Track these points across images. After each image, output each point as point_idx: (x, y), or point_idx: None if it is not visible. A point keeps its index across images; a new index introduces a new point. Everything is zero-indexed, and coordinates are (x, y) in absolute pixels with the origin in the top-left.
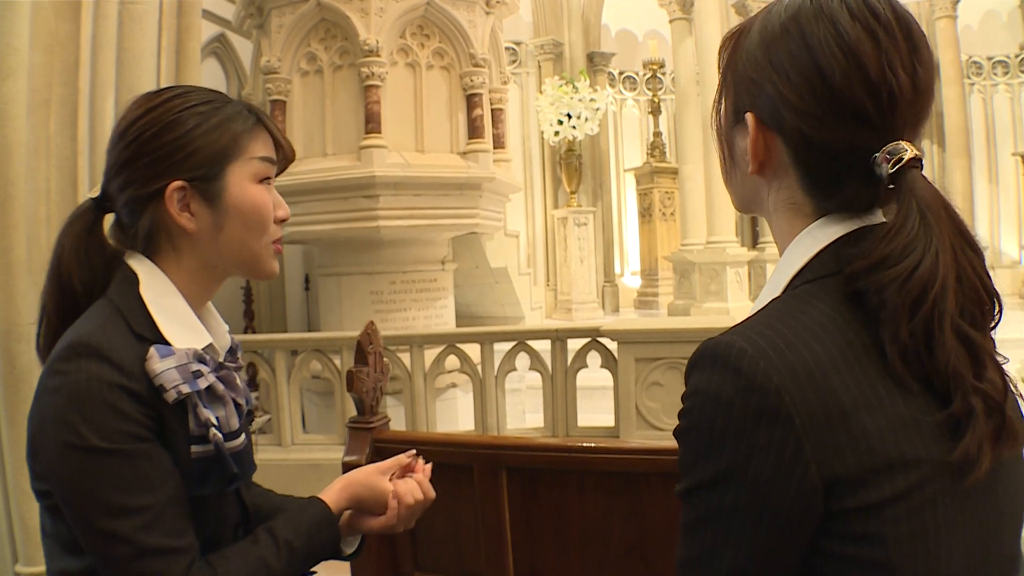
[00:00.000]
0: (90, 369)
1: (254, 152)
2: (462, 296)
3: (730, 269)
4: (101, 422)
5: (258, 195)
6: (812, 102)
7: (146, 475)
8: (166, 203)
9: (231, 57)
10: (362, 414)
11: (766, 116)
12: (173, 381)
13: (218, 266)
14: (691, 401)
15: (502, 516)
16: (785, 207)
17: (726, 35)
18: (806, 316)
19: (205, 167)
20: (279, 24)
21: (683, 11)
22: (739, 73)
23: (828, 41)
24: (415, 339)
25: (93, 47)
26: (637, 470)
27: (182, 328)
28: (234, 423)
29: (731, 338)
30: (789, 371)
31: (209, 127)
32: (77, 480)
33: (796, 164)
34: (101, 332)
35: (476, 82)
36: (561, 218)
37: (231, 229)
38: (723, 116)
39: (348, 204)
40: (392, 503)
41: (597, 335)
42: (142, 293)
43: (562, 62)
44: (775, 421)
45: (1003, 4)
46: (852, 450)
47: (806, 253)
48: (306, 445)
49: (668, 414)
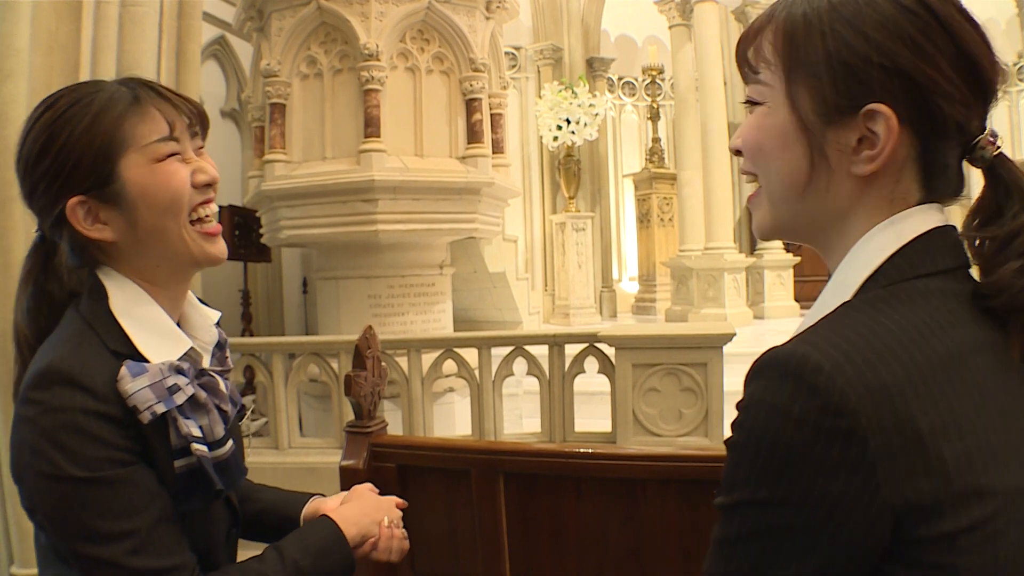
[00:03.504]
0: (63, 397)
1: (142, 138)
2: (460, 300)
3: (728, 275)
4: (79, 451)
5: (160, 175)
6: (965, 88)
7: (130, 499)
8: (71, 223)
9: (231, 60)
10: (360, 418)
11: (908, 107)
12: (146, 401)
13: (160, 265)
14: (752, 413)
15: (499, 521)
16: (878, 207)
17: (758, 23)
18: (888, 327)
19: (93, 174)
20: (279, 27)
21: (682, 17)
22: (840, 61)
23: (961, 22)
24: (413, 343)
25: (93, 49)
26: (634, 476)
27: (157, 338)
28: (219, 431)
29: (806, 349)
30: (867, 391)
31: (82, 130)
32: (60, 510)
33: (920, 156)
34: (73, 355)
35: (476, 87)
36: (559, 223)
37: (144, 220)
38: (804, 113)
39: (347, 208)
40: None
41: (595, 340)
42: (112, 307)
43: (561, 67)
44: (848, 443)
45: (1002, 12)
46: (927, 477)
47: (885, 249)
48: (303, 449)
49: (665, 420)
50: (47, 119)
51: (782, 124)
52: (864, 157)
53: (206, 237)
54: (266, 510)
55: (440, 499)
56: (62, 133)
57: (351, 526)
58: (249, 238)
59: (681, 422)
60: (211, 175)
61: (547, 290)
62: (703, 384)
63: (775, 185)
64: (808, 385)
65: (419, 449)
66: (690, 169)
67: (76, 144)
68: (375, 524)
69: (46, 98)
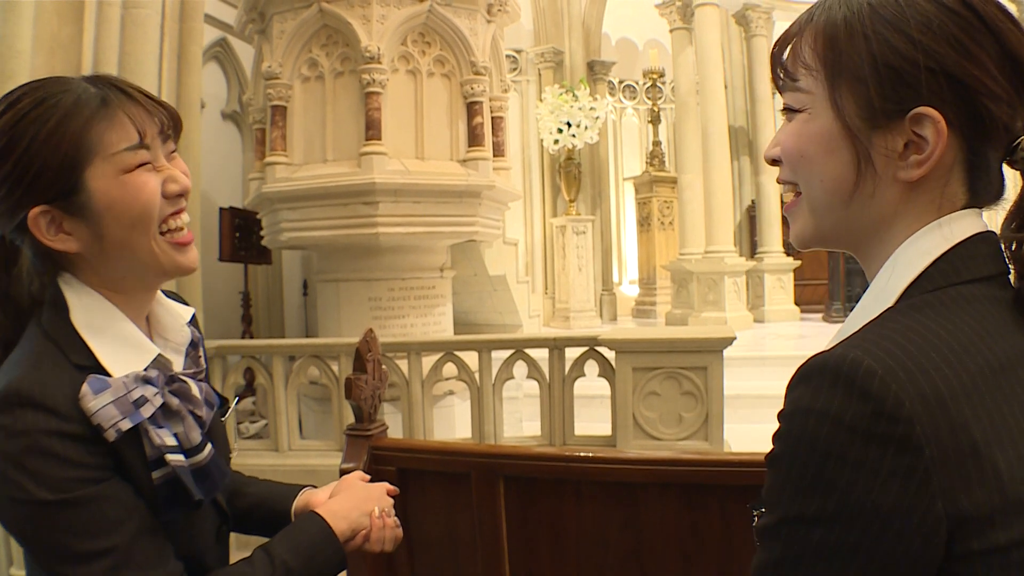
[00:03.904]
0: (26, 420)
1: (111, 145)
2: (460, 303)
3: (728, 279)
4: (46, 474)
5: (129, 188)
6: (1011, 89)
7: (105, 516)
8: (33, 233)
9: (232, 61)
10: (360, 421)
11: (956, 110)
12: (111, 419)
13: (126, 276)
14: (799, 421)
15: (499, 524)
16: (926, 212)
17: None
18: (938, 333)
19: (57, 183)
20: (281, 30)
21: (683, 21)
22: (885, 64)
23: (1006, 22)
24: (413, 346)
25: (95, 51)
26: (634, 480)
27: (121, 349)
28: (195, 436)
29: (856, 354)
30: (920, 397)
31: (46, 135)
32: (35, 534)
33: (966, 159)
34: (34, 374)
35: (476, 90)
36: (560, 226)
37: (111, 233)
38: (850, 118)
39: (347, 210)
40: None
41: (595, 344)
42: (72, 319)
43: (562, 70)
44: (903, 451)
45: None
46: (981, 487)
47: (930, 253)
48: (303, 451)
49: (665, 423)
50: (8, 120)
51: (826, 130)
52: (912, 162)
53: (177, 247)
54: (256, 504)
55: (440, 502)
56: (24, 137)
57: (340, 520)
58: (250, 240)
59: (681, 426)
60: (183, 184)
61: (547, 293)
62: (703, 388)
63: (818, 192)
64: (860, 390)
65: (419, 452)
66: (690, 172)
67: (40, 150)
68: (365, 516)
69: (7, 94)
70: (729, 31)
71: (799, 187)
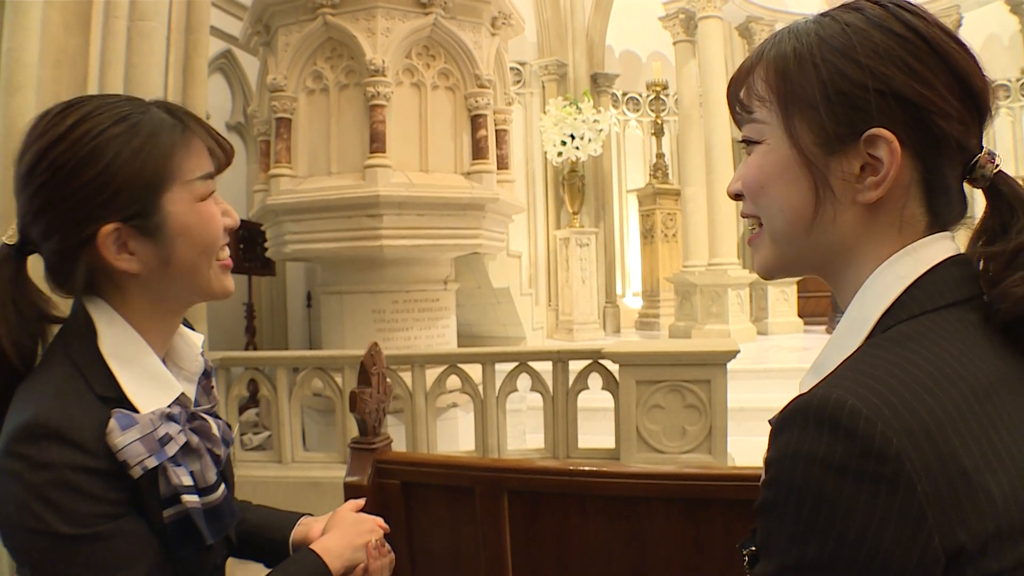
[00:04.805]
0: (51, 453)
1: (190, 172)
2: (464, 316)
3: (731, 291)
4: (69, 508)
5: (203, 215)
6: (959, 105)
7: (122, 552)
8: (100, 250)
9: (237, 73)
10: (364, 435)
11: (907, 130)
12: (137, 456)
13: (172, 299)
14: (786, 466)
15: (503, 539)
16: (896, 236)
17: (749, 63)
18: (919, 364)
19: (136, 203)
20: (286, 42)
21: (687, 33)
22: (836, 91)
23: (948, 42)
24: (417, 359)
25: (101, 63)
26: (638, 495)
27: (147, 384)
28: (211, 476)
29: (839, 394)
30: (907, 432)
31: (131, 153)
32: (50, 567)
33: (923, 180)
34: (59, 406)
35: (481, 103)
36: (563, 238)
37: (180, 256)
38: (806, 145)
39: (352, 223)
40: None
41: (599, 357)
42: (101, 348)
43: (566, 83)
44: (895, 489)
45: (1004, 28)
46: (976, 515)
47: (901, 280)
48: (306, 463)
49: (669, 437)
50: (86, 130)
51: (784, 159)
52: (869, 184)
53: (224, 271)
54: (254, 532)
55: (444, 516)
56: (107, 151)
57: (335, 559)
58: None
59: (685, 439)
60: (236, 220)
61: (551, 305)
62: (707, 401)
63: (779, 223)
64: (847, 430)
65: (424, 466)
66: (694, 185)
67: (123, 168)
68: (360, 550)
69: (71, 103)
70: (732, 43)
71: (761, 219)
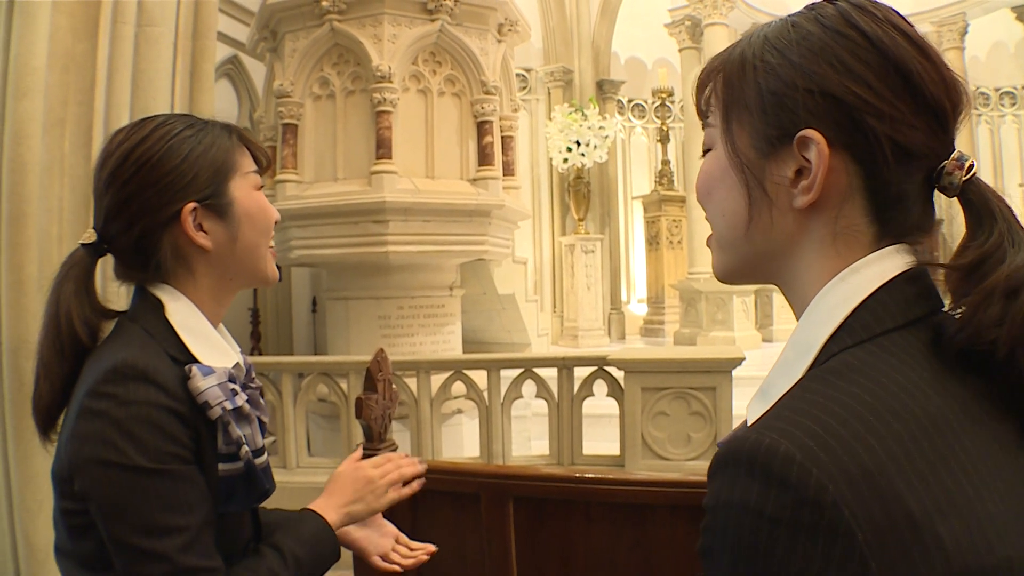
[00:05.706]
0: (139, 391)
1: (246, 166)
2: (469, 322)
3: (737, 298)
4: (149, 443)
5: (262, 200)
6: (901, 105)
7: (187, 496)
8: (183, 225)
9: (244, 79)
10: (370, 441)
11: (838, 130)
12: (217, 398)
13: (233, 279)
14: (720, 515)
15: (508, 545)
16: (832, 245)
17: (707, 69)
18: (861, 398)
19: (211, 186)
20: (292, 48)
21: (692, 40)
22: (768, 91)
23: (896, 40)
24: (422, 365)
25: (109, 68)
26: (643, 502)
27: (211, 349)
28: (259, 441)
29: (772, 438)
30: (845, 477)
31: (203, 149)
32: (122, 500)
33: (865, 186)
34: (143, 354)
35: (487, 109)
36: (568, 245)
37: (245, 236)
38: (741, 148)
39: (358, 229)
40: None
41: (604, 364)
42: (169, 318)
43: (571, 89)
44: (833, 539)
45: (1011, 35)
46: (925, 564)
47: (849, 300)
48: (311, 468)
49: (674, 443)
50: (165, 133)
51: (722, 163)
52: (801, 188)
53: (272, 258)
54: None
55: (449, 523)
56: (182, 147)
57: (331, 511)
58: None
59: (690, 446)
60: (277, 214)
61: (556, 312)
62: (712, 408)
63: (720, 227)
64: (779, 478)
65: (430, 473)
66: None
67: (198, 159)
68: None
69: (148, 118)
70: None
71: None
